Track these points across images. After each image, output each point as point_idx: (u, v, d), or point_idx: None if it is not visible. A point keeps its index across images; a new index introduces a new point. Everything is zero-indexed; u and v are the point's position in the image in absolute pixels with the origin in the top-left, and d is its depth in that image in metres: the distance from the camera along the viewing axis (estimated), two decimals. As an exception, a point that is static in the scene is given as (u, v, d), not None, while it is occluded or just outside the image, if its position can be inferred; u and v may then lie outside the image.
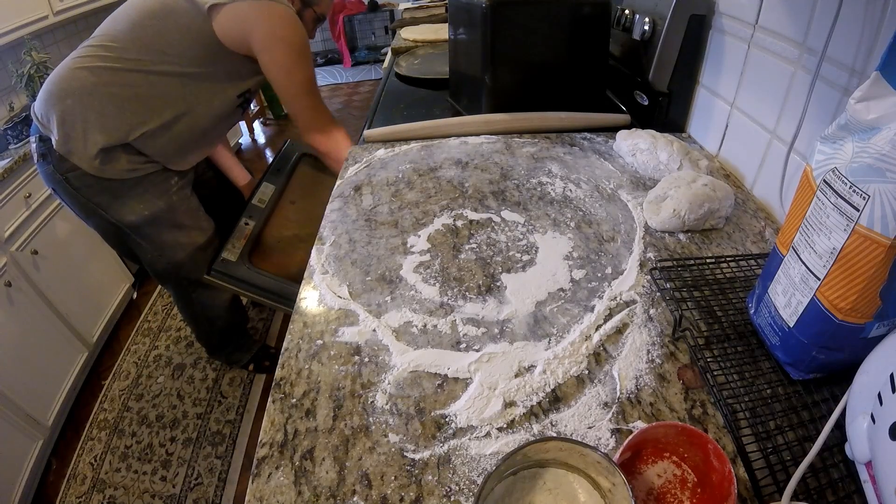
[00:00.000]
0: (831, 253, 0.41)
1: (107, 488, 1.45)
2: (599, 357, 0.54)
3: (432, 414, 0.49)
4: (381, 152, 1.00)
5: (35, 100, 1.11)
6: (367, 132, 1.07)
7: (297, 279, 0.78)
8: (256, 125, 3.92)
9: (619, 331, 0.57)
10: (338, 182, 0.91)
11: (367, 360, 0.56)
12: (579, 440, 0.44)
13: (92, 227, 1.27)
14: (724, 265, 0.64)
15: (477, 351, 0.56)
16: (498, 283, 0.65)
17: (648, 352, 0.54)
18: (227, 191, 1.57)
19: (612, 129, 1.02)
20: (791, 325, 0.47)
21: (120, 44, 1.05)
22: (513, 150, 0.99)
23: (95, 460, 1.54)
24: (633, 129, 0.95)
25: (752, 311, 0.55)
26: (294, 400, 0.52)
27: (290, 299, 0.93)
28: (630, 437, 0.41)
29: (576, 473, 0.41)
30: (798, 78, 0.68)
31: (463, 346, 0.57)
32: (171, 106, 1.12)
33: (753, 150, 0.80)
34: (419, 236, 0.75)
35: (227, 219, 1.37)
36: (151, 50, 1.05)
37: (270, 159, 1.45)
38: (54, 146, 1.09)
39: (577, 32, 1.02)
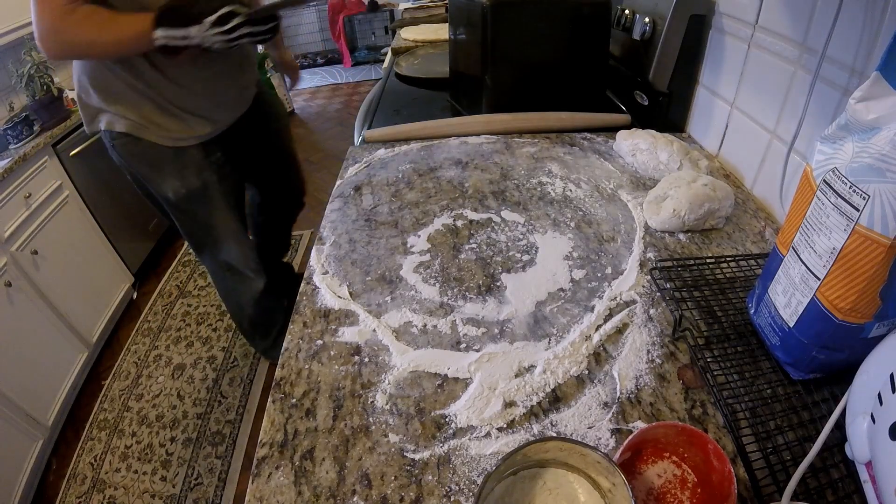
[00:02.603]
0: (831, 253, 0.41)
1: (107, 488, 1.45)
2: (599, 357, 0.54)
3: (432, 414, 0.49)
4: (381, 152, 1.00)
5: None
6: (367, 132, 1.07)
7: None
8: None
9: (619, 331, 0.57)
10: (338, 182, 0.91)
11: (367, 360, 0.56)
12: (579, 440, 0.44)
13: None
14: (724, 265, 0.64)
15: (477, 351, 0.56)
16: (498, 283, 0.65)
17: (648, 352, 0.54)
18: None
19: (612, 129, 1.02)
20: (791, 325, 0.47)
21: None
22: (513, 150, 0.99)
23: (95, 460, 1.54)
24: (633, 129, 0.95)
25: (752, 311, 0.55)
26: (294, 400, 0.52)
27: None
28: (630, 437, 0.41)
29: (576, 473, 0.41)
30: (798, 78, 0.68)
31: (463, 346, 0.57)
32: None
33: (753, 149, 0.80)
34: (419, 236, 0.75)
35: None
36: None
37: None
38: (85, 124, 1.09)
39: (576, 32, 1.02)
